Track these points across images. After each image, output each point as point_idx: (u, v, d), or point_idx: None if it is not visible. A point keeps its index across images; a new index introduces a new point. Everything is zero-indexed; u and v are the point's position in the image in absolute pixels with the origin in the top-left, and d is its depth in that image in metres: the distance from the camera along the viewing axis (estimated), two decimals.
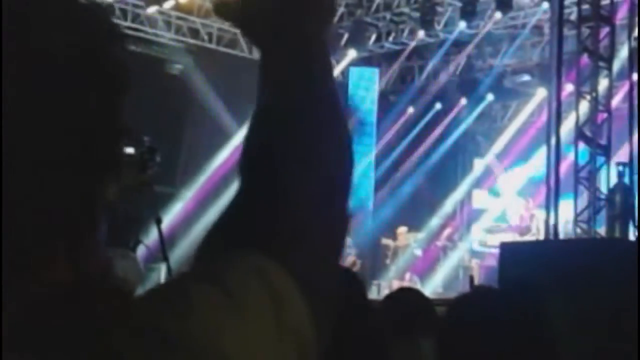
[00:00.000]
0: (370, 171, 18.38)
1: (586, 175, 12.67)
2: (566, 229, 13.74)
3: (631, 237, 11.86)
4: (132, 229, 8.21)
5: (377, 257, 17.56)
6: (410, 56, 18.54)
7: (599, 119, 12.84)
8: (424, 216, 18.21)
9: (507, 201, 18.34)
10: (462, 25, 16.70)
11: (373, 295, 13.08)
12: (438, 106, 18.95)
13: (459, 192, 19.31)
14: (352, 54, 17.77)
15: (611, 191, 12.56)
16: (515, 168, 18.43)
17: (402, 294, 4.20)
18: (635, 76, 13.06)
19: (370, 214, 18.08)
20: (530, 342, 2.18)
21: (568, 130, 13.20)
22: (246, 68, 14.02)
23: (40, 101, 0.86)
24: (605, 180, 12.78)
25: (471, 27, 16.88)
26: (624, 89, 13.97)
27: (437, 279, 17.00)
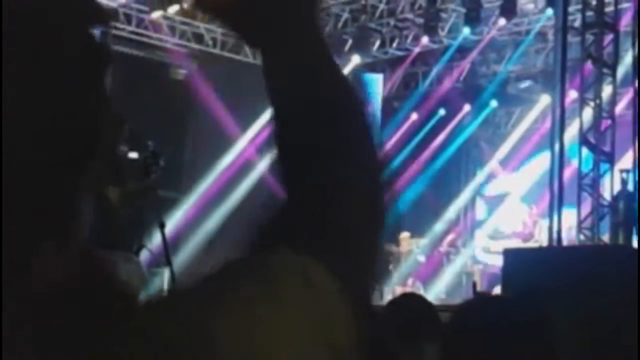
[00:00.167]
0: None
1: (590, 182, 12.66)
2: (569, 235, 13.73)
3: (635, 244, 11.84)
4: (136, 233, 8.21)
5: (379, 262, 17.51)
6: (414, 62, 18.52)
7: (603, 126, 12.84)
8: (427, 222, 18.17)
9: (510, 207, 18.32)
10: (466, 31, 16.68)
11: (376, 300, 13.05)
12: (442, 112, 18.93)
13: (462, 198, 19.30)
14: (356, 59, 17.77)
15: (615, 198, 12.55)
16: (518, 173, 18.43)
17: (405, 299, 4.20)
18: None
19: None
20: (533, 348, 2.19)
21: (571, 137, 13.19)
22: (250, 73, 14.02)
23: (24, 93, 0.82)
24: (609, 187, 12.77)
25: (475, 33, 16.86)
26: (628, 95, 13.97)
27: (440, 285, 16.97)
